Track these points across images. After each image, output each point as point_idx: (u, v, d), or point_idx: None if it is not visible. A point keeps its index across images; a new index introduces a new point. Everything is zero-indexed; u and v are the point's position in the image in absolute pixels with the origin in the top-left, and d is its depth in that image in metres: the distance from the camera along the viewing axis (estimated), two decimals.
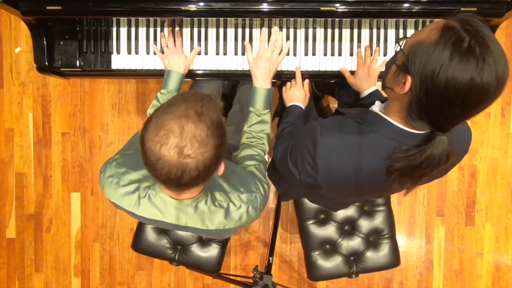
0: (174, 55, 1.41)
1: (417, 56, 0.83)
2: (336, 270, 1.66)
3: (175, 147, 0.81)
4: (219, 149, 0.86)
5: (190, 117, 0.83)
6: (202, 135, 0.82)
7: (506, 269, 2.26)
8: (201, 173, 0.86)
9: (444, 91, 0.81)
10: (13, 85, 2.25)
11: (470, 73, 0.78)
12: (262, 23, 1.45)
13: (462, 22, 0.80)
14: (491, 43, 0.78)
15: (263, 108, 1.36)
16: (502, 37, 2.14)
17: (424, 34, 0.84)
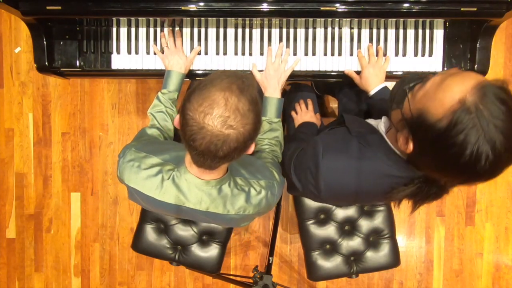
0: (174, 55, 1.41)
1: (423, 131, 0.82)
2: (336, 270, 1.66)
3: (219, 117, 0.84)
4: (257, 124, 0.89)
5: (234, 91, 0.86)
6: (245, 108, 0.85)
7: (506, 269, 2.26)
8: (239, 146, 0.88)
9: (447, 169, 0.81)
10: (13, 85, 2.25)
11: (479, 162, 0.76)
12: (262, 23, 1.45)
13: (481, 101, 0.75)
14: (506, 130, 0.75)
15: (275, 116, 1.39)
16: (502, 37, 2.14)
17: (435, 108, 0.80)
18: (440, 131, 0.78)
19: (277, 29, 1.46)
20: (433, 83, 0.83)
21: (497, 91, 0.76)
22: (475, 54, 1.41)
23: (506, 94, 0.76)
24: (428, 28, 1.45)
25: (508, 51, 2.15)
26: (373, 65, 1.40)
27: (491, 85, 0.77)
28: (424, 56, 1.46)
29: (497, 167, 0.78)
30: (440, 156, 0.80)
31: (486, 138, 0.75)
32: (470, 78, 0.79)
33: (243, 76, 0.91)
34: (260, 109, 0.92)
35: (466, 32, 1.43)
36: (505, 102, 0.75)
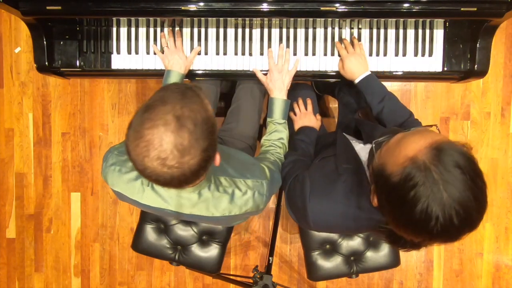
0: (174, 55, 1.41)
1: (379, 186, 0.83)
2: (336, 270, 1.66)
3: (157, 159, 0.78)
4: (206, 152, 0.82)
5: (169, 125, 0.78)
6: (184, 143, 0.78)
7: (506, 269, 2.26)
8: (191, 177, 0.84)
9: (402, 225, 0.81)
10: (13, 85, 2.25)
11: (426, 222, 0.75)
12: (262, 23, 1.45)
13: (433, 162, 0.74)
14: (456, 195, 0.73)
15: (281, 118, 1.39)
16: (502, 37, 2.14)
17: (390, 165, 0.81)
18: (394, 186, 0.78)
19: (277, 29, 1.46)
20: (395, 139, 0.84)
21: (455, 155, 0.75)
22: (475, 54, 1.41)
23: (464, 160, 0.75)
24: (428, 28, 1.45)
25: (508, 51, 2.15)
26: (353, 54, 1.40)
27: (450, 147, 0.76)
28: (424, 56, 1.46)
29: (450, 231, 0.76)
30: (395, 211, 0.80)
31: (435, 199, 0.73)
32: (428, 137, 0.78)
33: (183, 95, 0.82)
34: (212, 127, 0.84)
35: (466, 32, 1.43)
36: (461, 167, 0.74)
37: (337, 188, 1.04)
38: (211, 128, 0.83)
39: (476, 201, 0.75)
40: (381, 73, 1.46)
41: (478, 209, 0.76)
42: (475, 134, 2.20)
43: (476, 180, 0.75)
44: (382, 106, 1.33)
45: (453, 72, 1.47)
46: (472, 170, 0.75)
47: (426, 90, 2.19)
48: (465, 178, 0.74)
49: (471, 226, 0.77)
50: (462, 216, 0.74)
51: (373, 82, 1.37)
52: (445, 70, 1.47)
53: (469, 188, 0.74)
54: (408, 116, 1.33)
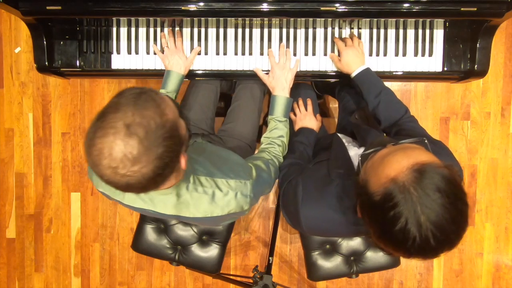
0: (174, 56, 1.41)
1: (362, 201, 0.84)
2: (336, 270, 1.66)
3: (108, 168, 0.78)
4: (161, 159, 0.80)
5: (118, 133, 0.76)
6: (134, 152, 0.77)
7: (506, 269, 2.26)
8: (150, 183, 0.82)
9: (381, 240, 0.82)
10: (13, 85, 2.25)
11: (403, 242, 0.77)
12: (262, 23, 1.45)
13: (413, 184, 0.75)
14: (433, 218, 0.74)
15: (282, 115, 1.38)
16: (502, 37, 2.14)
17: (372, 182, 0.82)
18: (375, 204, 0.79)
19: (277, 29, 1.46)
20: (379, 156, 0.85)
21: (436, 178, 0.75)
22: (475, 54, 1.40)
23: (445, 183, 0.75)
24: (428, 28, 1.45)
25: (508, 51, 2.15)
26: (351, 46, 1.39)
27: (432, 170, 0.76)
28: (424, 56, 1.46)
29: (427, 251, 0.77)
30: (376, 227, 0.81)
31: (412, 220, 0.75)
32: (411, 157, 0.79)
33: (136, 101, 0.79)
34: (172, 131, 0.82)
35: (466, 32, 1.43)
36: (440, 191, 0.75)
37: (329, 193, 1.04)
38: (167, 134, 0.81)
39: (454, 223, 0.76)
40: (381, 73, 1.46)
41: (456, 231, 0.77)
42: (475, 134, 2.20)
43: (456, 203, 0.76)
44: (378, 100, 1.32)
45: (453, 72, 1.47)
46: (452, 193, 0.76)
47: (426, 90, 2.19)
48: (444, 202, 0.75)
49: (450, 245, 0.79)
50: (439, 238, 0.76)
51: (370, 76, 1.36)
52: (445, 70, 1.47)
53: (447, 212, 0.75)
54: (404, 112, 1.31)
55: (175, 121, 0.85)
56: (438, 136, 2.20)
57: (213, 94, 1.60)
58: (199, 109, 1.56)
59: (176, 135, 0.84)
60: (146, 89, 0.83)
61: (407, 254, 0.79)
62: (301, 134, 1.46)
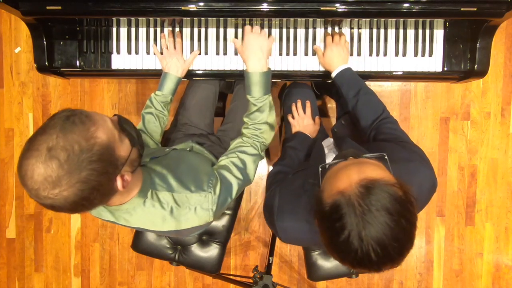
0: (173, 58, 1.41)
1: (316, 209, 0.86)
2: (336, 270, 1.66)
3: (31, 189, 0.79)
4: (86, 183, 0.80)
5: (40, 156, 0.77)
6: (53, 175, 0.77)
7: (506, 269, 2.26)
8: (76, 206, 0.82)
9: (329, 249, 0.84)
10: (13, 85, 2.25)
11: (345, 255, 0.79)
12: (262, 23, 1.45)
13: (359, 200, 0.77)
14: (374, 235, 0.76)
15: (262, 94, 1.24)
16: (502, 37, 2.14)
17: (325, 193, 0.83)
18: (325, 214, 0.81)
19: (277, 29, 1.46)
20: (336, 168, 0.87)
21: (382, 195, 0.76)
22: (475, 54, 1.40)
23: (391, 201, 0.77)
24: (428, 28, 1.45)
25: (508, 51, 2.15)
26: (336, 44, 1.39)
27: (380, 187, 0.77)
28: (424, 56, 1.46)
29: (368, 264, 0.78)
30: (325, 237, 0.83)
31: (355, 233, 0.76)
32: (362, 173, 0.80)
33: (63, 124, 0.80)
34: (101, 154, 0.81)
35: (466, 32, 1.43)
36: (384, 209, 0.76)
37: (302, 204, 1.06)
38: (94, 157, 0.80)
39: (395, 241, 0.76)
40: (381, 73, 1.46)
41: (397, 249, 0.77)
42: (475, 134, 2.20)
43: (400, 222, 0.76)
44: (357, 99, 1.32)
45: (453, 72, 1.47)
46: (396, 212, 0.76)
47: (426, 90, 2.19)
48: (387, 220, 0.76)
49: (392, 262, 0.79)
50: (380, 254, 0.76)
51: (350, 76, 1.36)
52: (445, 70, 1.47)
53: (389, 229, 0.76)
54: (381, 112, 1.29)
55: (107, 144, 0.83)
56: (438, 136, 2.20)
57: (212, 94, 1.60)
58: (197, 109, 1.56)
59: (106, 159, 0.82)
60: (77, 112, 0.83)
61: (351, 265, 0.81)
62: (295, 139, 1.45)
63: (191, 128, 1.55)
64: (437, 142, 2.21)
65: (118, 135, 0.88)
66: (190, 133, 1.54)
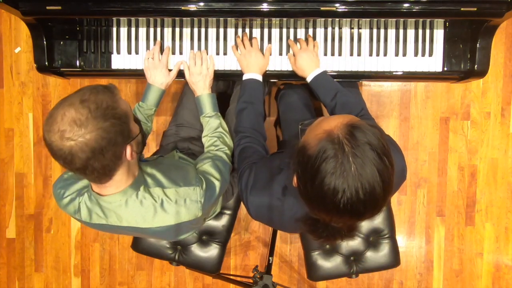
0: (157, 70, 1.42)
1: (298, 159, 0.87)
2: (336, 270, 1.66)
3: (57, 132, 0.87)
4: (105, 132, 0.89)
5: (73, 104, 0.89)
6: (82, 118, 0.87)
7: (506, 269, 2.26)
8: (91, 156, 0.89)
9: (315, 199, 0.85)
10: (13, 85, 2.25)
11: (335, 193, 0.80)
12: (262, 23, 1.45)
13: (346, 136, 0.80)
14: (362, 169, 0.79)
15: (212, 111, 1.40)
16: (502, 37, 2.14)
17: (309, 138, 0.86)
18: (309, 157, 0.83)
19: (277, 29, 1.46)
20: (318, 120, 0.90)
21: (368, 133, 0.80)
22: (475, 54, 1.41)
23: (375, 138, 0.80)
24: (428, 28, 1.45)
25: (508, 51, 2.15)
26: (305, 50, 1.40)
27: (364, 126, 0.81)
28: (424, 56, 1.46)
29: (355, 204, 0.80)
30: (308, 186, 0.84)
31: (343, 171, 0.78)
32: (347, 117, 0.85)
33: (96, 87, 0.93)
34: (117, 117, 0.92)
35: (466, 32, 1.43)
36: (370, 144, 0.79)
37: (275, 182, 1.09)
38: (116, 115, 0.92)
39: (381, 177, 0.80)
40: (381, 73, 1.47)
41: (382, 186, 0.80)
42: (475, 134, 2.20)
43: (383, 158, 0.80)
44: (335, 102, 1.33)
45: (453, 72, 1.47)
46: (380, 149, 0.80)
47: (426, 90, 2.19)
48: (373, 155, 0.79)
49: (375, 201, 0.81)
50: (367, 190, 0.79)
51: (324, 80, 1.37)
52: (445, 70, 1.47)
53: (376, 164, 0.79)
54: (360, 110, 1.32)
55: (127, 111, 0.96)
56: (438, 136, 2.20)
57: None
58: (194, 109, 1.56)
59: (124, 121, 0.94)
60: (109, 85, 0.97)
61: (336, 211, 0.82)
62: (245, 93, 1.39)
63: (187, 129, 1.56)
64: (437, 142, 2.21)
65: (132, 116, 1.00)
66: (184, 136, 1.55)
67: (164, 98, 2.19)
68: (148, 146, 2.22)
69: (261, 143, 1.28)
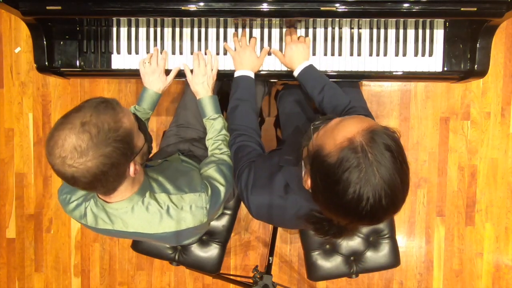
0: (154, 74, 1.42)
1: (315, 166, 0.86)
2: (336, 270, 1.66)
3: (58, 157, 0.87)
4: (107, 157, 0.88)
5: (74, 128, 0.86)
6: (83, 145, 0.86)
7: (506, 269, 2.26)
8: (94, 180, 0.89)
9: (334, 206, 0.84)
10: (13, 85, 2.25)
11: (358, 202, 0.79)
12: (262, 23, 1.45)
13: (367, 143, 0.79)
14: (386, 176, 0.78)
15: (214, 113, 1.39)
16: (502, 37, 2.14)
17: (328, 145, 0.84)
18: (330, 166, 0.82)
19: (277, 29, 1.46)
20: (334, 122, 0.89)
21: (387, 139, 0.80)
22: (475, 54, 1.41)
23: (394, 144, 0.81)
24: (428, 28, 1.45)
25: (508, 51, 2.15)
26: (295, 41, 1.40)
27: (381, 131, 0.82)
28: (424, 56, 1.46)
29: (378, 211, 0.80)
30: (328, 192, 0.83)
31: (368, 180, 0.78)
32: (365, 121, 0.84)
33: (97, 106, 0.90)
34: (122, 137, 0.90)
35: (466, 32, 1.43)
36: (391, 151, 0.79)
37: (276, 180, 1.09)
38: (119, 137, 0.90)
39: (402, 183, 0.80)
40: (381, 73, 1.46)
41: (403, 191, 0.81)
42: (475, 134, 2.20)
43: (403, 164, 0.81)
44: (322, 96, 1.33)
45: (453, 72, 1.47)
46: (400, 154, 0.81)
47: (426, 90, 2.19)
48: (395, 161, 0.79)
49: (395, 207, 0.82)
50: (390, 197, 0.79)
51: (312, 73, 1.37)
52: (445, 70, 1.47)
53: (397, 171, 0.79)
54: (347, 103, 1.32)
55: (130, 130, 0.94)
56: (438, 136, 2.20)
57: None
58: (195, 109, 1.56)
59: (127, 141, 0.93)
60: (110, 100, 0.94)
61: (357, 218, 0.82)
62: (237, 90, 1.38)
63: (188, 130, 1.56)
64: (437, 142, 2.21)
65: (137, 128, 0.99)
66: (184, 137, 1.55)
67: (165, 98, 2.20)
68: None
69: (256, 141, 1.28)
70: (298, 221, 1.10)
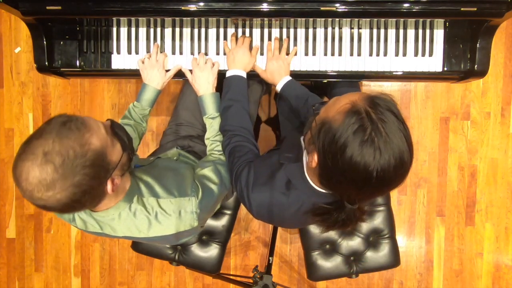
0: (153, 69, 1.41)
1: (322, 136, 0.87)
2: (336, 270, 1.66)
3: (26, 190, 0.82)
4: (78, 187, 0.83)
5: (36, 160, 0.80)
6: (48, 179, 0.80)
7: (506, 269, 2.26)
8: (68, 207, 0.85)
9: (344, 174, 0.84)
10: (13, 85, 2.25)
11: (368, 162, 0.80)
12: (262, 23, 1.45)
13: (369, 106, 0.82)
14: (391, 134, 0.80)
15: (215, 111, 1.37)
16: (502, 37, 2.14)
17: (332, 113, 0.86)
18: (336, 131, 0.83)
19: (277, 29, 1.46)
20: (333, 99, 0.91)
21: (387, 102, 0.83)
22: (475, 54, 1.41)
23: (394, 106, 0.84)
24: (428, 28, 1.45)
25: (508, 51, 2.15)
26: (276, 58, 1.42)
27: (379, 96, 0.85)
28: (424, 56, 1.46)
29: (389, 172, 0.81)
30: (337, 159, 0.83)
31: (374, 141, 0.79)
32: (363, 93, 0.87)
33: (59, 129, 0.83)
34: (93, 160, 0.84)
35: (466, 32, 1.43)
36: (392, 112, 0.82)
37: (277, 177, 1.09)
38: (87, 162, 0.83)
39: (407, 142, 0.82)
40: (381, 73, 1.47)
41: (409, 151, 0.82)
42: (475, 134, 2.20)
43: (405, 124, 0.83)
44: (307, 107, 1.35)
45: (453, 72, 1.47)
46: (400, 115, 0.83)
47: (426, 90, 2.19)
48: (397, 121, 0.82)
49: (405, 168, 0.83)
50: (398, 156, 0.81)
51: (295, 86, 1.40)
52: (445, 70, 1.47)
53: (401, 130, 0.82)
54: None
55: (100, 150, 0.86)
56: (438, 136, 2.20)
57: None
58: (194, 108, 1.56)
59: (98, 164, 0.86)
60: (73, 118, 0.86)
61: (368, 181, 0.82)
62: (230, 90, 1.38)
63: (187, 128, 1.56)
64: (437, 142, 2.21)
65: (110, 141, 0.91)
66: (183, 135, 1.55)
67: (164, 98, 2.20)
68: (148, 146, 2.22)
69: (251, 141, 1.28)
70: (302, 217, 1.09)
